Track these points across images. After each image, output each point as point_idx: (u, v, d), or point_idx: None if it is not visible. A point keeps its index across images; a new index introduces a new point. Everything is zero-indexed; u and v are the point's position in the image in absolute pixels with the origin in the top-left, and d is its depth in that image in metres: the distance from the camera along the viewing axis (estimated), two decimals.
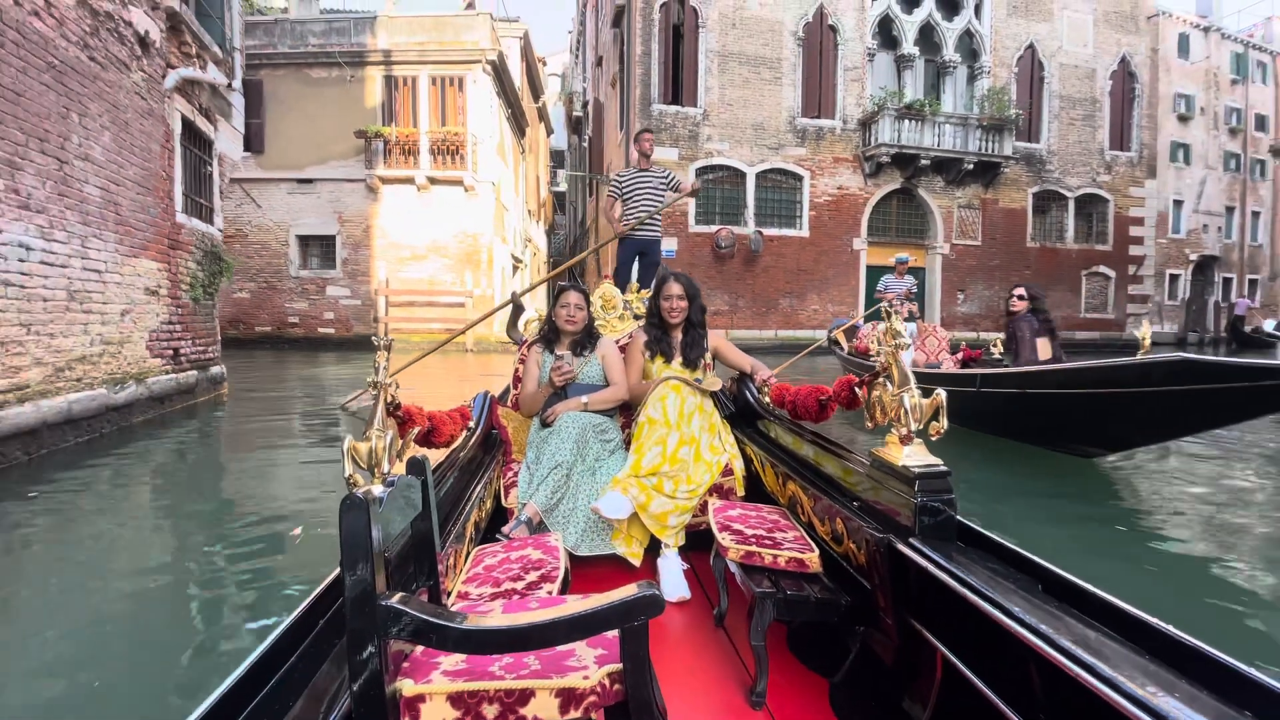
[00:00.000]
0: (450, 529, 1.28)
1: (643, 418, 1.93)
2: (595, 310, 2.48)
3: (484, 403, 2.00)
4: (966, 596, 0.89)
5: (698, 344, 2.16)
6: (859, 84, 15.22)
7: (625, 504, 1.70)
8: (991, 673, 0.90)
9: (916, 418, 1.17)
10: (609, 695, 0.84)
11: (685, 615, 1.58)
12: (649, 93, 14.10)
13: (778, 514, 1.62)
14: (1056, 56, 16.48)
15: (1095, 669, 0.66)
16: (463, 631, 0.74)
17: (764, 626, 1.23)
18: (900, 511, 1.15)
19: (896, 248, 14.51)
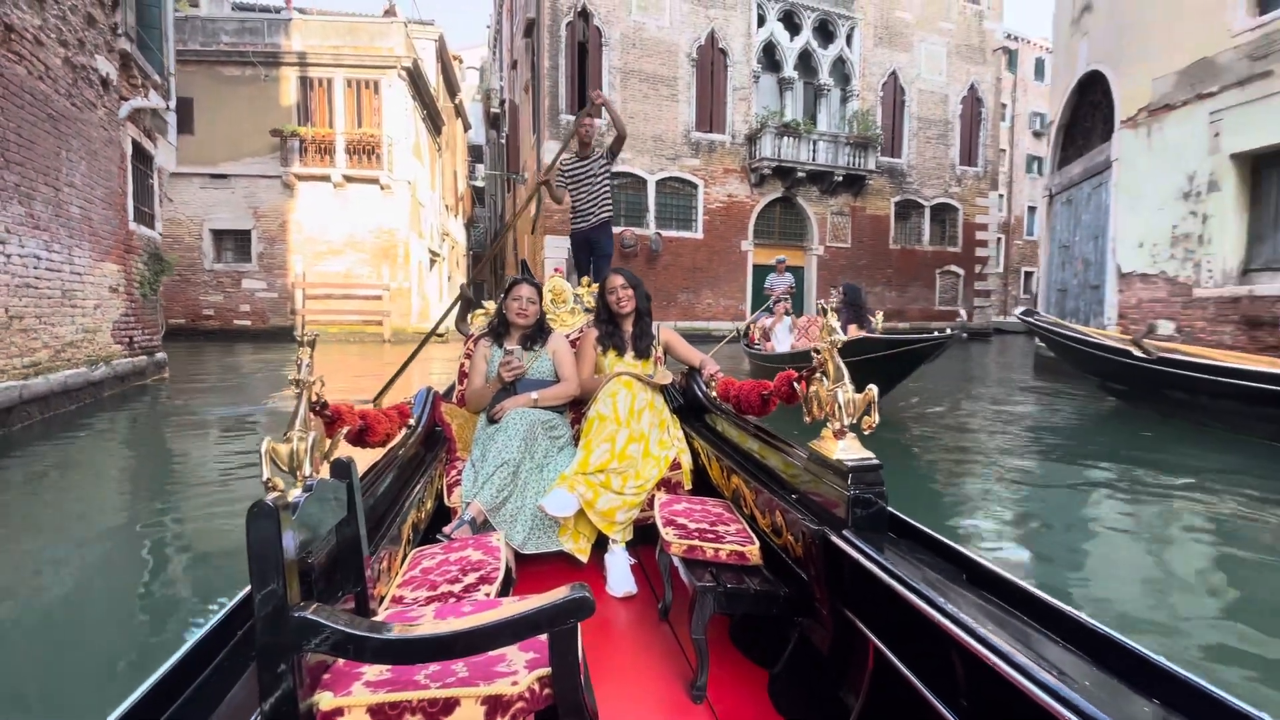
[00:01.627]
0: (384, 531, 1.27)
1: (592, 414, 1.94)
2: (546, 304, 2.43)
3: (426, 399, 1.97)
4: (893, 587, 0.92)
5: (647, 332, 2.23)
6: (746, 103, 17.37)
7: (572, 501, 1.73)
8: (917, 661, 0.93)
9: (850, 412, 1.21)
10: (538, 700, 0.83)
11: (631, 610, 1.60)
12: (557, 103, 15.58)
13: (722, 507, 1.64)
14: (915, 83, 19.35)
15: (1009, 656, 0.70)
16: (382, 642, 0.72)
17: (704, 620, 1.25)
18: (835, 504, 1.18)
19: (780, 249, 16.91)
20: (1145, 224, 7.27)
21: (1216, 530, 3.02)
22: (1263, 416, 4.37)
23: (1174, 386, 5.04)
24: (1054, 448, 4.90)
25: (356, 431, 1.39)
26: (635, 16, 16.05)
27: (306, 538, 0.81)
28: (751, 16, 17.23)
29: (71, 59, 5.19)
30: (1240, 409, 4.50)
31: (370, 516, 1.18)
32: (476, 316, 2.51)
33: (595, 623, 1.42)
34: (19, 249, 4.46)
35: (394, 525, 1.31)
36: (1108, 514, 3.36)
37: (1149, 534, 3.06)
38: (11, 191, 4.34)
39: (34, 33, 4.60)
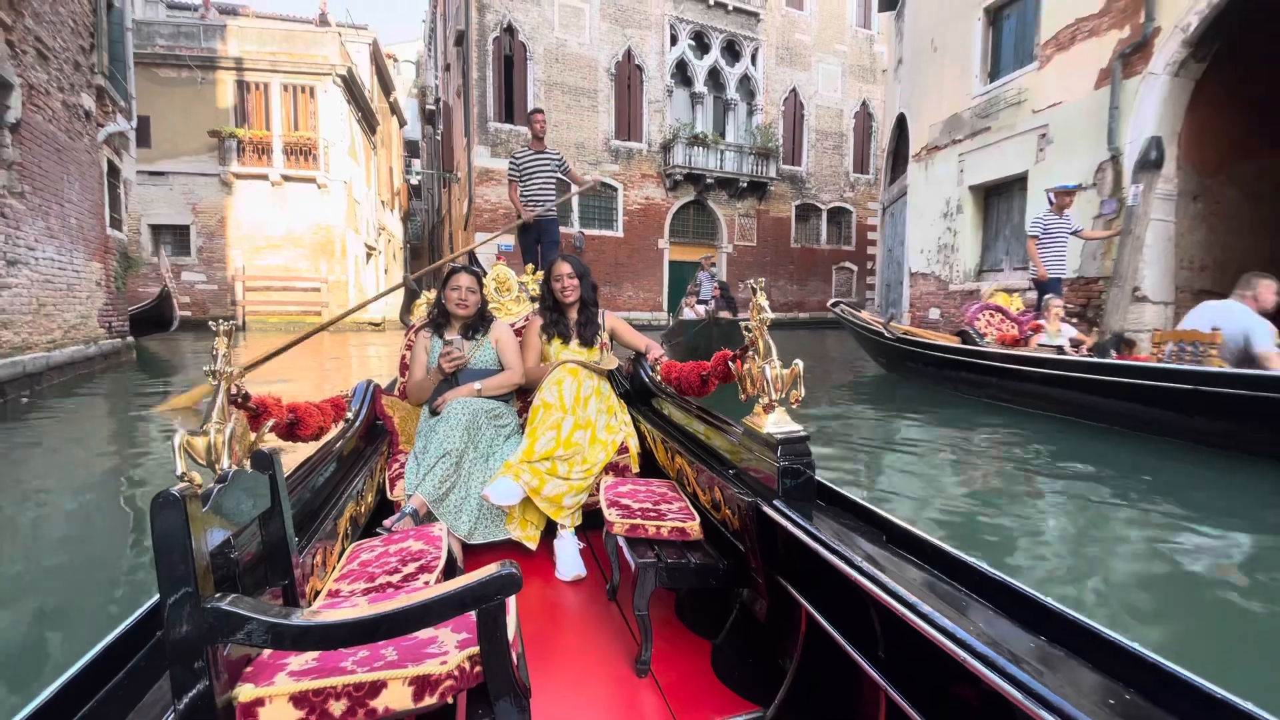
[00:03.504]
0: (318, 525, 1.26)
1: (537, 402, 1.93)
2: (489, 293, 2.45)
3: (366, 392, 1.97)
4: (818, 551, 0.98)
5: (592, 321, 2.24)
6: (661, 114, 19.40)
7: (516, 490, 1.74)
8: (842, 620, 1.00)
9: (778, 387, 1.28)
10: (469, 678, 0.85)
11: (580, 592, 1.65)
12: (485, 111, 17.14)
13: (666, 487, 1.70)
14: (814, 99, 21.88)
15: (915, 607, 0.76)
16: (300, 628, 0.71)
17: (646, 596, 1.29)
18: (767, 476, 1.24)
19: (694, 248, 19.17)
20: (923, 235, 9.72)
21: (923, 446, 4.27)
22: (952, 377, 6.59)
23: (906, 358, 7.28)
24: (835, 398, 7.08)
25: (285, 425, 1.40)
26: (558, 33, 17.76)
27: (224, 530, 0.81)
28: (665, 36, 19.22)
29: (66, 100, 6.61)
30: (943, 372, 6.64)
31: (303, 510, 1.22)
32: (417, 306, 2.49)
33: (544, 606, 1.52)
34: (42, 254, 5.93)
35: (329, 519, 1.31)
36: (858, 433, 5.21)
37: (884, 445, 4.52)
38: (37, 211, 5.81)
39: (44, 86, 6.04)
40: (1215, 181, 6.65)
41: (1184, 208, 6.49)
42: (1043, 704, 0.58)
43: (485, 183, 17.03)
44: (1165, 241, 6.37)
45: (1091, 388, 4.35)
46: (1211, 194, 6.63)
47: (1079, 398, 4.50)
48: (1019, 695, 0.61)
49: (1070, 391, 4.55)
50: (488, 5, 16.86)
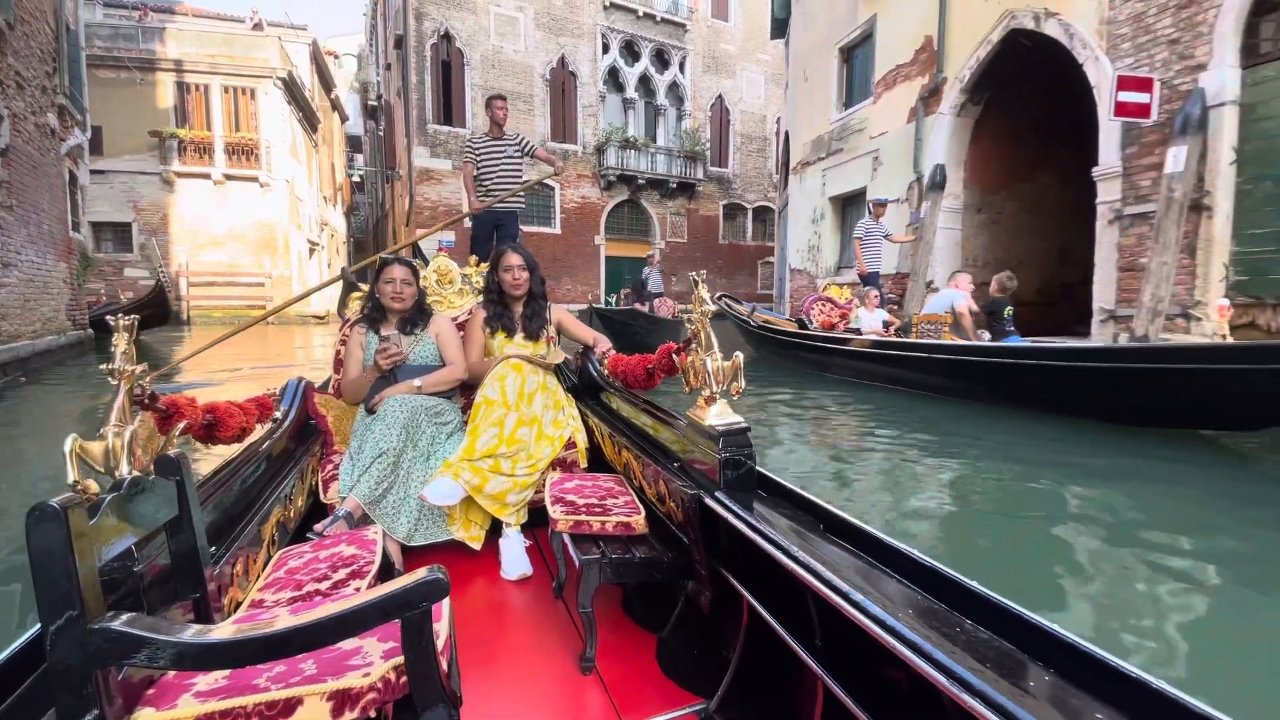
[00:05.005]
0: (239, 532, 1.20)
1: (479, 398, 1.90)
2: (430, 285, 2.41)
3: (296, 391, 1.92)
4: (757, 542, 1.00)
5: (539, 315, 2.21)
6: (594, 118, 20.85)
7: (456, 489, 1.72)
8: (780, 608, 1.02)
9: (719, 380, 1.30)
10: (394, 689, 0.82)
11: (526, 591, 1.65)
12: (424, 114, 18.22)
13: (613, 481, 1.69)
14: (739, 105, 23.71)
15: (848, 595, 0.78)
16: (204, 647, 0.66)
17: (590, 592, 1.30)
18: (709, 468, 1.26)
19: (629, 244, 20.77)
20: (799, 237, 11.58)
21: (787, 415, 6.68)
22: (791, 355, 8.27)
23: (765, 342, 8.96)
24: None
25: (202, 427, 1.37)
26: (494, 41, 18.97)
27: (122, 542, 0.76)
28: (597, 44, 20.65)
29: (37, 122, 7.64)
30: (787, 351, 8.30)
31: (222, 516, 1.20)
32: (353, 300, 2.41)
33: (488, 607, 1.55)
34: (25, 257, 7.02)
35: (252, 525, 1.25)
36: None
37: None
38: (21, 221, 6.91)
39: (23, 112, 7.11)
40: (997, 197, 8.63)
41: (969, 219, 8.44)
42: (966, 688, 0.61)
43: (425, 182, 18.16)
44: (953, 245, 8.30)
45: (875, 359, 6.04)
46: (993, 207, 8.61)
47: (870, 367, 6.17)
48: (943, 679, 0.63)
49: (863, 363, 6.25)
50: (425, 13, 17.92)
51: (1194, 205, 5.27)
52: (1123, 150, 5.93)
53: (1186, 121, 5.24)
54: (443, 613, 0.92)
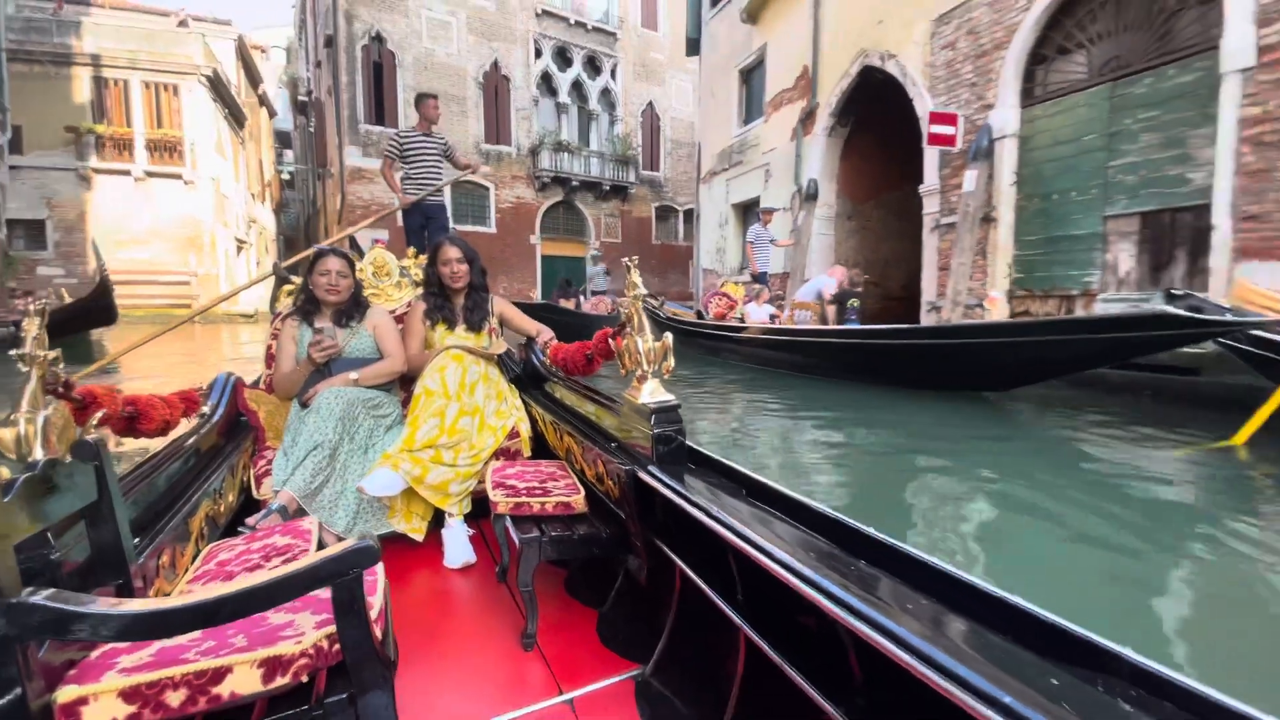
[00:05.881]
0: (164, 524, 1.20)
1: (418, 389, 1.92)
2: (367, 278, 2.43)
3: (225, 385, 1.92)
4: (685, 508, 1.08)
5: (480, 306, 2.23)
6: (528, 121, 21.60)
7: (395, 480, 1.72)
8: (707, 570, 1.10)
9: (650, 360, 1.37)
10: (327, 656, 0.84)
11: (470, 578, 1.70)
12: (355, 114, 18.53)
13: (555, 466, 1.75)
14: (669, 112, 24.91)
15: (764, 548, 0.84)
16: (130, 617, 0.66)
17: (531, 570, 1.36)
18: (643, 445, 1.33)
19: (565, 244, 21.60)
20: (709, 240, 12.80)
21: None
22: (693, 343, 9.35)
23: (672, 330, 10.09)
24: None
25: (123, 419, 1.36)
26: (426, 44, 19.45)
27: (35, 526, 0.77)
28: (530, 50, 21.40)
29: None
30: (689, 339, 9.35)
31: (147, 510, 1.20)
32: (284, 294, 2.40)
33: (432, 595, 1.60)
34: None
35: (178, 518, 1.24)
36: None
37: None
38: None
39: None
40: (866, 206, 10.03)
41: (841, 225, 9.80)
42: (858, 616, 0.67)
43: (357, 181, 18.49)
44: (827, 248, 9.64)
45: (754, 344, 7.15)
46: (863, 215, 10.01)
47: (750, 351, 7.26)
48: (840, 611, 0.69)
49: (745, 347, 7.35)
50: (355, 15, 18.25)
51: (985, 218, 6.66)
52: (940, 171, 7.31)
53: (978, 150, 6.61)
54: (377, 586, 0.94)
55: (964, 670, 0.56)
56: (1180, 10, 5.31)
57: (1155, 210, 5.50)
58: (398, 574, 1.69)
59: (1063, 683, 0.56)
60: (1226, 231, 4.82)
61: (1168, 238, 5.44)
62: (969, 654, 0.59)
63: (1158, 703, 0.54)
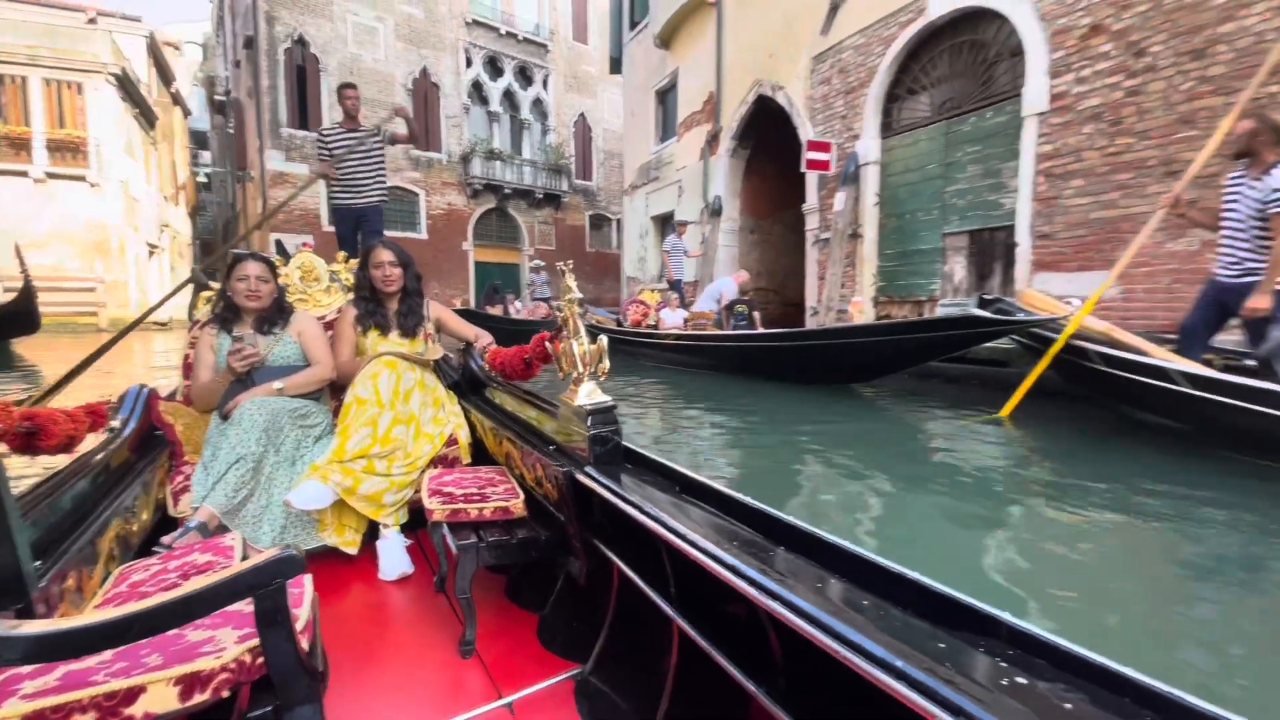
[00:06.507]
0: (69, 546, 1.14)
1: (349, 398, 1.87)
2: (293, 283, 2.36)
3: (138, 398, 1.85)
4: (619, 506, 1.10)
5: (415, 312, 2.18)
6: (459, 128, 21.86)
7: (325, 492, 1.69)
8: (643, 566, 1.13)
9: (586, 362, 1.39)
10: (250, 670, 0.83)
11: (407, 589, 1.68)
12: (277, 117, 18.33)
13: (494, 472, 1.75)
14: (600, 123, 25.67)
15: (695, 542, 0.87)
16: (30, 638, 0.63)
17: (468, 577, 1.36)
18: (580, 446, 1.35)
19: (499, 250, 21.88)
20: (632, 249, 13.58)
21: None
22: (615, 349, 10.03)
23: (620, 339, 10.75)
24: None
25: (19, 436, 1.30)
26: (352, 49, 19.46)
27: None
28: (460, 58, 21.70)
29: None
30: (613, 346, 10.12)
31: (49, 531, 1.16)
32: (202, 301, 2.31)
33: (367, 609, 1.59)
34: None
35: (85, 539, 1.19)
36: None
37: None
38: None
39: None
40: (766, 221, 11.02)
41: (744, 238, 10.75)
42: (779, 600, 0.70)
43: (279, 185, 18.29)
44: (731, 260, 10.55)
45: (666, 348, 7.82)
46: (764, 229, 10.99)
47: (663, 354, 7.90)
48: (763, 597, 0.71)
49: (658, 351, 8.01)
50: (277, 17, 18.11)
51: (853, 234, 7.67)
52: (819, 193, 8.30)
53: (847, 175, 7.61)
54: (303, 598, 0.93)
55: (866, 641, 0.60)
56: (997, 62, 6.43)
57: (979, 229, 6.61)
58: (330, 589, 1.66)
59: (950, 646, 0.61)
60: (1027, 248, 5.91)
61: (988, 252, 6.53)
62: (871, 627, 0.63)
63: (1029, 659, 0.59)
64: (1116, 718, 0.50)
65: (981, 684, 0.54)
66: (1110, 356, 3.84)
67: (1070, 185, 5.57)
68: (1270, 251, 3.24)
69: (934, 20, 6.70)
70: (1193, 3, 4.79)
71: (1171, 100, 4.94)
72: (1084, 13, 5.46)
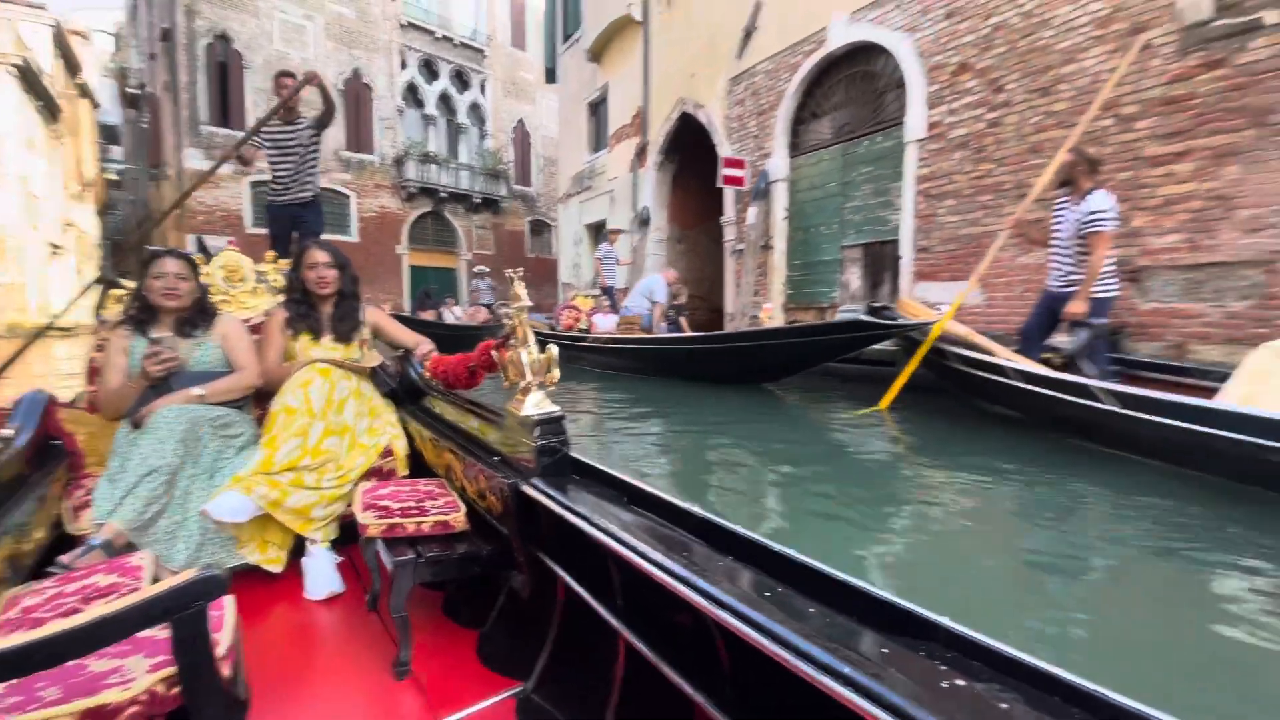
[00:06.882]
0: None
1: (277, 406, 1.77)
2: (217, 283, 2.25)
3: (34, 405, 1.72)
4: (566, 517, 1.07)
5: (351, 316, 2.09)
6: (393, 131, 21.60)
7: (247, 505, 1.60)
8: (589, 579, 1.12)
9: (534, 371, 1.36)
10: (163, 701, 0.78)
11: (336, 609, 1.62)
12: (197, 114, 17.67)
13: (434, 485, 1.69)
14: (539, 130, 25.86)
15: (645, 553, 0.86)
16: None
17: (404, 595, 1.31)
18: (526, 457, 1.32)
19: (435, 254, 21.66)
20: (568, 256, 13.92)
21: None
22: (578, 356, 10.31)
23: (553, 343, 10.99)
24: None
25: None
26: (278, 46, 18.97)
27: None
28: (395, 60, 21.47)
29: None
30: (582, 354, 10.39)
31: None
32: (111, 300, 2.18)
33: (293, 632, 1.51)
34: None
35: None
36: None
37: None
38: None
39: None
40: (693, 232, 11.57)
41: (672, 247, 11.26)
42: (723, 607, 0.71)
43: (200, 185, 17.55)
44: (659, 268, 11.00)
45: (597, 351, 8.11)
46: (690, 239, 11.54)
47: (594, 358, 8.14)
48: (712, 607, 0.71)
49: (590, 354, 8.26)
50: (197, 11, 17.51)
51: (764, 245, 8.26)
52: (735, 206, 8.88)
53: (758, 191, 8.20)
54: (225, 621, 0.90)
55: (813, 648, 0.61)
56: (885, 92, 7.13)
57: (871, 242, 7.29)
58: (252, 610, 1.56)
59: (893, 651, 0.62)
60: (909, 260, 6.60)
61: (879, 263, 7.22)
62: (817, 634, 0.64)
63: (966, 661, 0.62)
64: (1048, 716, 0.53)
65: (921, 686, 0.56)
66: (965, 356, 4.45)
67: (944, 205, 6.29)
68: (1087, 265, 3.91)
69: (832, 51, 7.37)
70: (1041, 46, 5.55)
71: (1023, 132, 5.69)
72: (954, 51, 6.19)
